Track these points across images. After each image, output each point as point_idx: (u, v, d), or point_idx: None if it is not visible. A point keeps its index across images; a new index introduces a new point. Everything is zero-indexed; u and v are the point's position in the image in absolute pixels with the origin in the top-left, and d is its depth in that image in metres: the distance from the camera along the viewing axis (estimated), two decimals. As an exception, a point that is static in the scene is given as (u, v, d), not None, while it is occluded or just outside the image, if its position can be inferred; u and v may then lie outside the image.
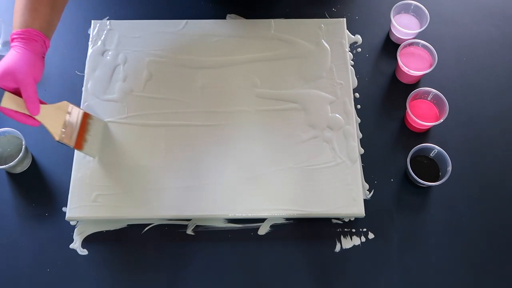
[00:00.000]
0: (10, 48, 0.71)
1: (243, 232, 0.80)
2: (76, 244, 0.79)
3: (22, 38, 0.70)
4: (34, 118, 0.71)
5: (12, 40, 0.71)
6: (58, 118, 0.75)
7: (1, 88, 0.68)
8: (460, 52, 0.95)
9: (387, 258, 0.79)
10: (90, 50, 0.91)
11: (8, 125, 0.83)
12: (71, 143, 0.77)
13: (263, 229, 0.80)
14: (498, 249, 0.80)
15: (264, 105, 0.87)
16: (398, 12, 0.93)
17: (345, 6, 0.98)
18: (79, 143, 0.79)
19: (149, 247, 0.79)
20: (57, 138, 0.75)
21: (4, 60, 0.69)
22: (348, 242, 0.80)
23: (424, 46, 0.89)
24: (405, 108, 0.85)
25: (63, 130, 0.76)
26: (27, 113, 0.70)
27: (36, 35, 0.71)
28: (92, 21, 0.94)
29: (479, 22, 0.98)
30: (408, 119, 0.86)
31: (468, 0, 1.00)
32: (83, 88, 0.88)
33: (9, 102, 0.68)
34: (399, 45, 0.89)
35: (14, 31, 0.71)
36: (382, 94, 0.91)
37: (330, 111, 0.86)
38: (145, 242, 0.79)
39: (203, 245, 0.79)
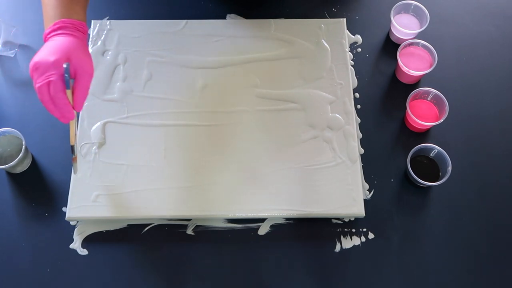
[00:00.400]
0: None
1: (243, 232, 0.80)
2: (76, 244, 0.79)
3: (77, 29, 0.67)
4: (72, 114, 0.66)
5: (61, 27, 0.65)
6: (73, 122, 0.71)
7: (66, 76, 0.63)
8: (460, 52, 0.95)
9: (387, 258, 0.79)
10: (90, 50, 0.91)
11: (8, 125, 0.83)
12: (76, 151, 0.74)
13: (263, 229, 0.80)
14: (498, 249, 0.80)
15: (264, 105, 0.87)
16: (398, 12, 0.93)
17: (345, 6, 0.98)
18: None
19: (149, 247, 0.79)
20: (73, 142, 0.71)
21: (63, 43, 0.63)
22: (348, 242, 0.80)
23: (424, 46, 0.89)
24: (405, 108, 0.84)
25: (76, 134, 0.72)
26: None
27: (86, 31, 0.70)
28: (92, 21, 0.94)
29: (479, 22, 0.98)
30: (408, 119, 0.86)
31: (468, 0, 1.00)
32: (83, 88, 0.88)
33: (69, 92, 0.64)
34: (399, 45, 0.89)
35: (65, 19, 0.66)
36: (382, 94, 0.91)
37: (330, 111, 0.86)
38: (145, 242, 0.79)
39: (203, 245, 0.79)
